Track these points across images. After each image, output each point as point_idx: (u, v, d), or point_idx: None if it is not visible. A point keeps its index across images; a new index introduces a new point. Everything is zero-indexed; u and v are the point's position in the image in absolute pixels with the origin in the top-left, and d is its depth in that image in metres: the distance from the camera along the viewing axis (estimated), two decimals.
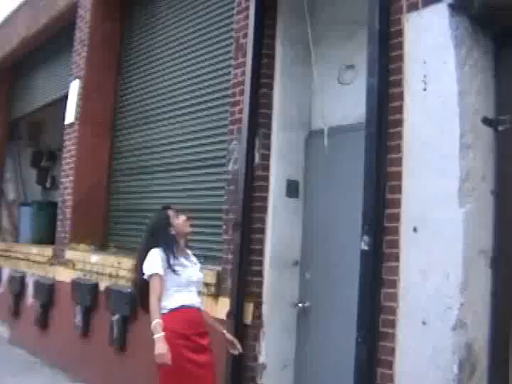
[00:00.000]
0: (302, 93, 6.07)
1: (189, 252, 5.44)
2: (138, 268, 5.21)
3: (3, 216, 14.81)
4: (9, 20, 13.98)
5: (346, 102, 5.69)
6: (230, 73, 6.60)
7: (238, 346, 5.38)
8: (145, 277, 5.07)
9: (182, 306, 5.09)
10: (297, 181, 6.05)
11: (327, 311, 5.65)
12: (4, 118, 14.67)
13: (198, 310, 5.23)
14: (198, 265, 5.41)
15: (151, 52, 8.93)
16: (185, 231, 5.37)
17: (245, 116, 6.03)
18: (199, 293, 5.37)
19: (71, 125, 9.78)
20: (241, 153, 6.04)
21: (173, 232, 5.28)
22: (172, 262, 5.11)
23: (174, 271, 5.08)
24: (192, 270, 5.27)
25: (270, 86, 6.05)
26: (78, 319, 8.62)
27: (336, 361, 5.43)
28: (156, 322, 4.86)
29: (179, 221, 5.33)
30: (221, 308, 6.09)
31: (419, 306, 4.27)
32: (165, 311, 5.02)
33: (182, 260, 5.23)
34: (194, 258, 5.43)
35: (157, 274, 5.03)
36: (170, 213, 5.36)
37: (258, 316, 5.88)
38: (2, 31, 14.34)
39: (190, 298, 5.16)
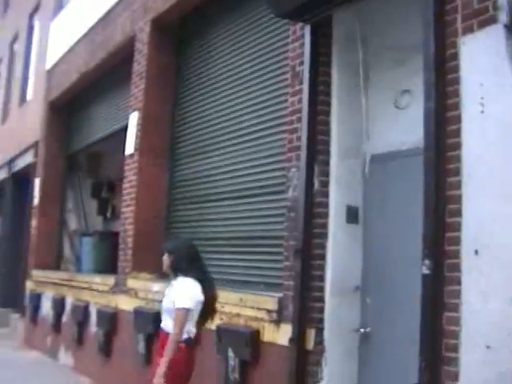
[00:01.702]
0: (360, 119, 6.09)
1: (173, 282, 5.88)
2: None
3: (65, 246, 15.07)
4: (66, 57, 14.33)
5: (402, 127, 5.69)
6: (286, 100, 6.66)
7: None
8: None
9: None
10: (356, 206, 6.05)
11: (389, 336, 5.61)
12: (64, 151, 15.01)
13: (166, 333, 5.68)
14: (171, 293, 5.78)
15: (207, 82, 9.05)
16: None
17: (303, 143, 6.08)
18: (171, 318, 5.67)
19: (131, 155, 9.96)
20: (300, 180, 6.08)
21: None
22: None
23: None
24: (164, 299, 5.86)
25: (327, 113, 6.10)
26: (141, 347, 8.71)
27: None
28: None
29: None
30: (282, 334, 6.11)
31: (482, 330, 4.23)
32: None
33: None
34: (174, 287, 5.80)
35: None
36: None
37: (319, 342, 5.88)
38: (60, 68, 14.72)
39: (164, 323, 5.80)
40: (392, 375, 5.50)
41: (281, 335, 6.15)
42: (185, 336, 5.62)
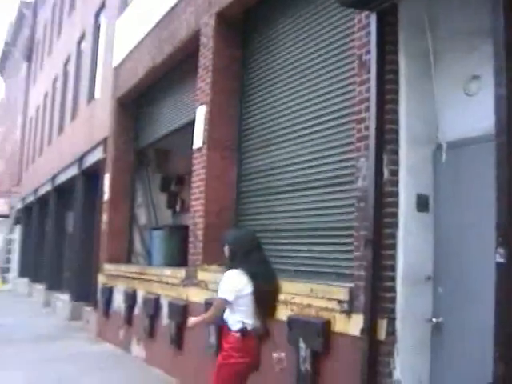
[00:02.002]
0: (428, 106, 6.02)
1: None
2: None
3: (136, 240, 15.30)
4: (133, 53, 14.52)
5: (473, 114, 5.61)
6: (353, 90, 6.64)
7: None
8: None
9: None
10: (426, 195, 5.99)
11: (462, 326, 5.55)
12: (133, 146, 15.22)
13: (226, 325, 5.84)
14: None
15: (273, 73, 9.07)
16: None
17: (372, 133, 6.05)
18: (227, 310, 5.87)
19: (199, 149, 10.04)
20: (369, 169, 6.05)
21: None
22: None
23: None
24: None
25: (396, 102, 6.05)
26: (212, 339, 8.78)
27: (473, 378, 5.29)
28: None
29: None
30: (354, 325, 6.10)
31: None
32: None
33: None
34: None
35: None
36: None
37: (391, 332, 5.85)
38: (127, 64, 14.93)
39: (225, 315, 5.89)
40: (465, 366, 5.45)
41: (352, 325, 6.14)
42: (239, 326, 5.69)
